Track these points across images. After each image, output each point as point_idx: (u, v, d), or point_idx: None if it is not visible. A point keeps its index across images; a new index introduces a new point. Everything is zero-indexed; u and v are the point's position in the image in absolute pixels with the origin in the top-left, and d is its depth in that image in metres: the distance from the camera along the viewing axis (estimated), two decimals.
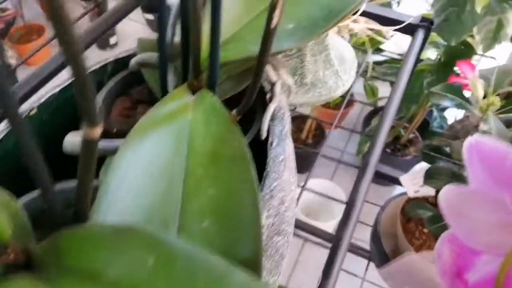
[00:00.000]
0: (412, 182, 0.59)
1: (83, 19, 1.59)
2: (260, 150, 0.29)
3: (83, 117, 0.15)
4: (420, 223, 0.62)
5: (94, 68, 0.32)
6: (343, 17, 0.28)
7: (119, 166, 0.21)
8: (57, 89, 0.31)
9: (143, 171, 0.22)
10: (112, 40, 1.91)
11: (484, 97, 0.47)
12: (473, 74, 0.47)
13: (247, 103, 0.24)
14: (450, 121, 1.19)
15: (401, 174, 0.63)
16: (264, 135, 0.28)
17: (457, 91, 0.47)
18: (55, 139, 0.28)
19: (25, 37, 1.87)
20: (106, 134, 0.29)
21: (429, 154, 0.53)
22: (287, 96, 0.32)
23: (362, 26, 0.45)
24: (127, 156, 0.22)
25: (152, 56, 0.31)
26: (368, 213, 0.93)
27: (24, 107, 0.30)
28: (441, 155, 0.53)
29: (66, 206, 0.24)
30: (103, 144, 0.25)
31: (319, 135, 1.41)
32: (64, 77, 0.31)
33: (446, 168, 0.47)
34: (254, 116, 0.32)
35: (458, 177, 0.46)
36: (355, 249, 0.92)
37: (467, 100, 0.46)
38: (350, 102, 1.49)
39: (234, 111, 0.25)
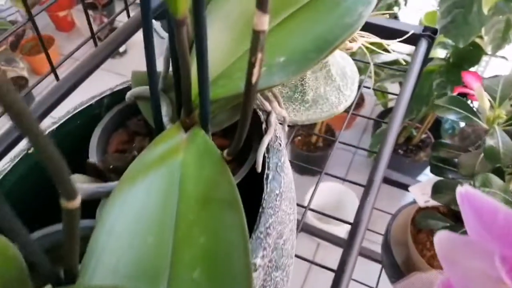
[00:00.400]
0: (422, 192, 0.58)
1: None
2: (256, 181, 0.29)
3: (60, 191, 0.15)
4: (432, 233, 0.61)
5: (90, 103, 0.32)
6: (336, 48, 0.28)
7: (108, 216, 0.21)
8: (53, 127, 0.31)
9: (133, 220, 0.21)
10: (121, 49, 1.93)
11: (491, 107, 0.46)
12: (478, 85, 0.46)
13: (237, 145, 0.24)
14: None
15: (412, 180, 0.62)
16: (259, 169, 0.28)
17: (462, 103, 0.46)
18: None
19: (36, 48, 1.90)
20: (102, 172, 0.29)
21: (438, 166, 0.52)
22: (283, 126, 0.32)
23: (361, 42, 0.44)
24: (117, 205, 0.22)
25: (145, 89, 0.31)
26: (380, 217, 0.92)
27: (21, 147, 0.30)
28: (450, 166, 0.51)
29: (52, 249, 0.24)
30: (97, 188, 0.25)
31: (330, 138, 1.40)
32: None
33: (454, 183, 0.46)
34: (251, 145, 0.32)
35: None
36: (367, 254, 0.91)
37: (473, 112, 0.45)
38: (360, 104, 1.47)
39: (225, 152, 0.24)
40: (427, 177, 1.32)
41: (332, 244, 0.95)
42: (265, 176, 0.27)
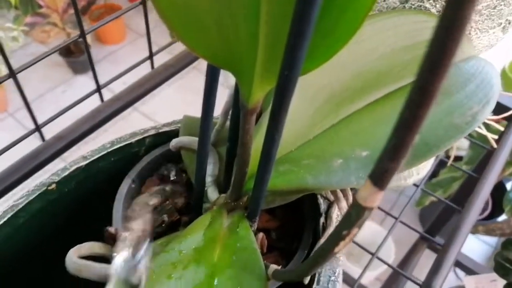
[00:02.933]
0: (477, 285, 0.51)
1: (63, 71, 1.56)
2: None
3: None
4: None
5: (130, 141, 0.28)
6: (436, 154, 0.22)
7: None
8: (83, 163, 0.27)
9: None
10: None
11: None
12: None
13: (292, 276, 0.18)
14: None
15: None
16: (306, 281, 0.23)
17: None
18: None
19: (104, 15, 1.92)
20: None
21: (504, 266, 0.45)
22: None
23: None
24: None
25: (194, 142, 0.27)
26: None
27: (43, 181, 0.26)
28: None
29: None
30: (108, 270, 0.21)
31: None
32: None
33: None
34: (302, 233, 0.26)
35: None
36: None
37: None
38: None
39: (270, 270, 0.19)
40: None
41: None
42: None
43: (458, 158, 0.99)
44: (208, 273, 0.19)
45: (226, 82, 0.28)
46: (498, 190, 1.08)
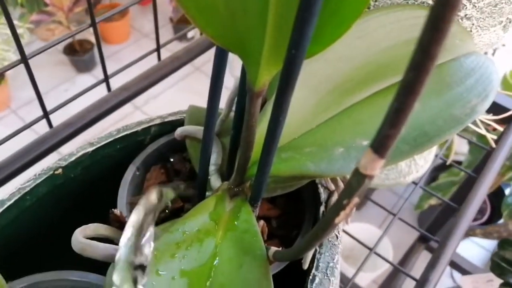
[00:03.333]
0: (473, 285, 0.51)
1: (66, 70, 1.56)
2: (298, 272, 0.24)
3: None
4: None
5: (136, 129, 0.29)
6: (436, 144, 0.22)
7: None
8: (89, 149, 0.27)
9: None
10: (190, 34, 1.92)
11: None
12: None
13: (293, 256, 0.19)
14: None
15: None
16: (305, 266, 0.23)
17: None
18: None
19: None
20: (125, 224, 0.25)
21: (500, 265, 0.45)
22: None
23: None
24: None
25: (198, 131, 0.27)
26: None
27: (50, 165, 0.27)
28: None
29: None
30: (114, 250, 0.22)
31: None
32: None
33: None
34: (303, 221, 0.27)
35: None
36: None
37: None
38: None
39: (271, 252, 0.20)
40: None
41: None
42: (310, 277, 0.22)
43: (457, 163, 1.00)
44: (211, 253, 0.20)
45: (231, 72, 0.28)
46: (497, 195, 1.08)
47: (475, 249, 1.29)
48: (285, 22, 0.14)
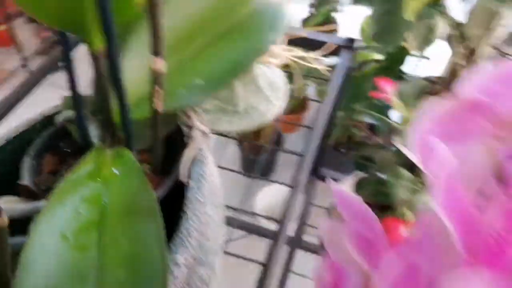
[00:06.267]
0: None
1: None
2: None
3: None
4: None
5: (22, 129, 0.34)
6: (248, 67, 0.31)
7: (37, 232, 0.24)
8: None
9: (61, 234, 0.24)
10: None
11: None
12: (391, 89, 0.51)
13: (156, 160, 0.26)
14: None
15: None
16: (183, 179, 0.31)
17: (380, 108, 0.51)
18: None
19: None
20: (35, 193, 0.31)
21: (360, 163, 0.57)
22: (206, 138, 0.35)
23: (284, 56, 0.49)
24: (44, 221, 0.24)
25: (73, 114, 0.34)
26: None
27: None
28: (372, 163, 0.56)
29: None
30: (26, 206, 0.27)
31: (277, 140, 1.45)
32: None
33: (374, 179, 0.51)
34: (179, 156, 0.34)
35: (383, 184, 0.50)
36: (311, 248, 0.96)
37: (386, 114, 0.51)
38: (305, 105, 1.53)
39: (148, 169, 0.27)
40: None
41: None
42: (189, 186, 0.30)
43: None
44: (103, 185, 0.27)
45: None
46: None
47: None
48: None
